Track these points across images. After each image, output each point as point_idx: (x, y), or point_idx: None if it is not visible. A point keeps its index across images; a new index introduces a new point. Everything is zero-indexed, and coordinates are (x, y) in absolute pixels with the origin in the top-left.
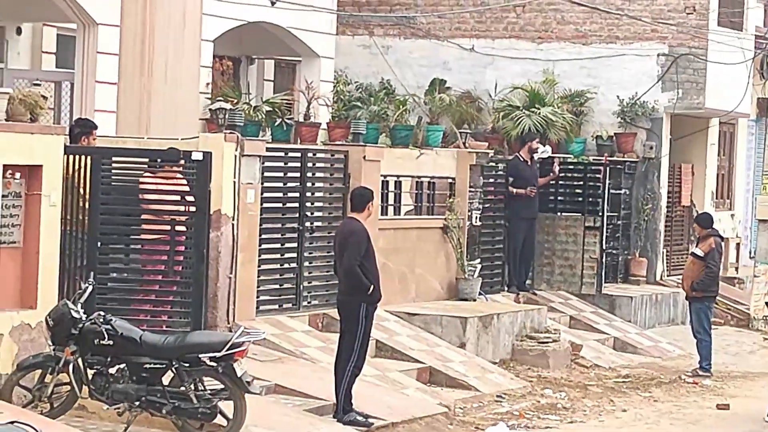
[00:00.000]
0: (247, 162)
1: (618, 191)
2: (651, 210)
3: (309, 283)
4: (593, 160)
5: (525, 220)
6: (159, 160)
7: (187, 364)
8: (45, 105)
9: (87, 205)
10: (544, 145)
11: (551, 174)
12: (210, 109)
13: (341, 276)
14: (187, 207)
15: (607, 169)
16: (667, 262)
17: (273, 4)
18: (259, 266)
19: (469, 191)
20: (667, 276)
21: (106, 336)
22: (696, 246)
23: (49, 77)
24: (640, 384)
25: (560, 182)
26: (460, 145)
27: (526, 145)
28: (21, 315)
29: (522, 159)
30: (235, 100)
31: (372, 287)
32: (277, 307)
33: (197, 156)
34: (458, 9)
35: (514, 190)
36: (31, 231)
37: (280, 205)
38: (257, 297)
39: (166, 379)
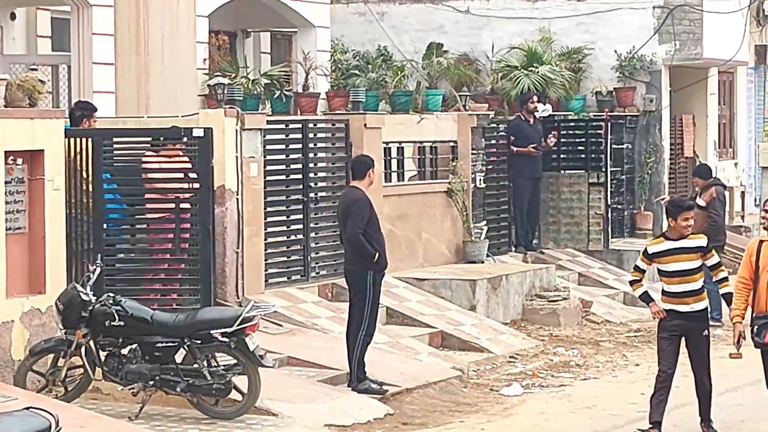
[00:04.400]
0: (249, 136)
1: (620, 146)
2: (654, 163)
3: (316, 253)
4: (594, 116)
5: (529, 180)
6: (161, 138)
7: (199, 341)
8: (43, 89)
9: (91, 188)
10: (544, 104)
11: (545, 144)
12: (208, 85)
13: (346, 245)
14: (190, 184)
15: (609, 124)
16: None
17: None
18: (265, 239)
19: (472, 154)
20: None
21: (116, 317)
22: (698, 197)
23: (46, 61)
24: (651, 338)
25: (562, 140)
26: (460, 108)
27: (525, 105)
28: (31, 300)
29: (524, 119)
30: (233, 75)
31: (377, 254)
32: (285, 279)
33: (198, 132)
34: None
35: (515, 149)
36: (36, 216)
37: (283, 177)
38: (265, 270)
39: (178, 357)
